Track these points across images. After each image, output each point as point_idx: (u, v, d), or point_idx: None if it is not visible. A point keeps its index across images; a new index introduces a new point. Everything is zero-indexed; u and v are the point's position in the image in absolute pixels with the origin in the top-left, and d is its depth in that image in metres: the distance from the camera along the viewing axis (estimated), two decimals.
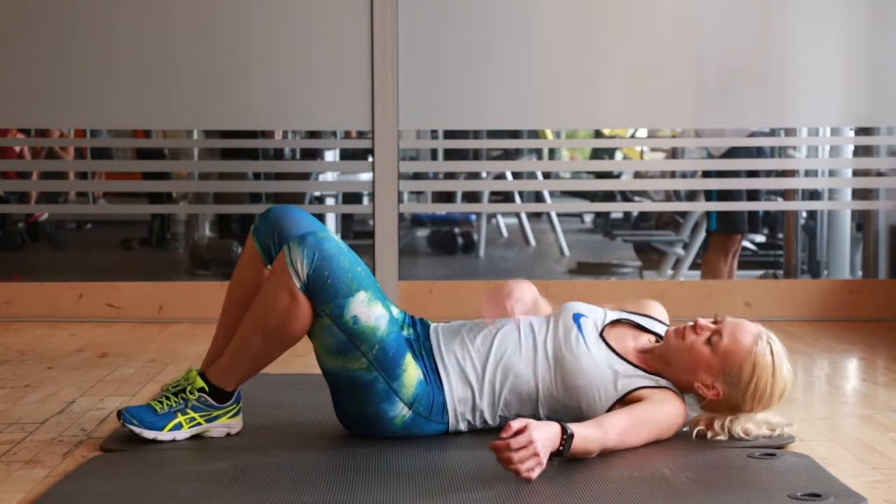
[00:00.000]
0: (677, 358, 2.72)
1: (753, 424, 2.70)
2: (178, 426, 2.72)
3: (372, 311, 2.62)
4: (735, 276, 5.80)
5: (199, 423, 2.75)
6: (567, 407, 2.71)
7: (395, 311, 2.77)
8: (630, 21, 4.97)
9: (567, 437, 2.42)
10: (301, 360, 3.96)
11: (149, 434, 2.69)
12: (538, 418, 2.68)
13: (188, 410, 2.73)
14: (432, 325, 2.84)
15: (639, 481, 2.38)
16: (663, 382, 2.71)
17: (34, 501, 2.27)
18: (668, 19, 4.98)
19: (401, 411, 2.69)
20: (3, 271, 7.38)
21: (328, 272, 2.59)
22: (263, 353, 2.71)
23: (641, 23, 4.97)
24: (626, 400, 2.68)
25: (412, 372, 2.69)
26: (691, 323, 2.77)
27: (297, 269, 2.59)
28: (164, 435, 2.70)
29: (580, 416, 2.66)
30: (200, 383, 2.74)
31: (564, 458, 2.44)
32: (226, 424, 2.78)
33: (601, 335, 2.78)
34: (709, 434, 2.71)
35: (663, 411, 2.66)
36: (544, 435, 2.37)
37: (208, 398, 2.74)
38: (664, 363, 2.75)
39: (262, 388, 3.24)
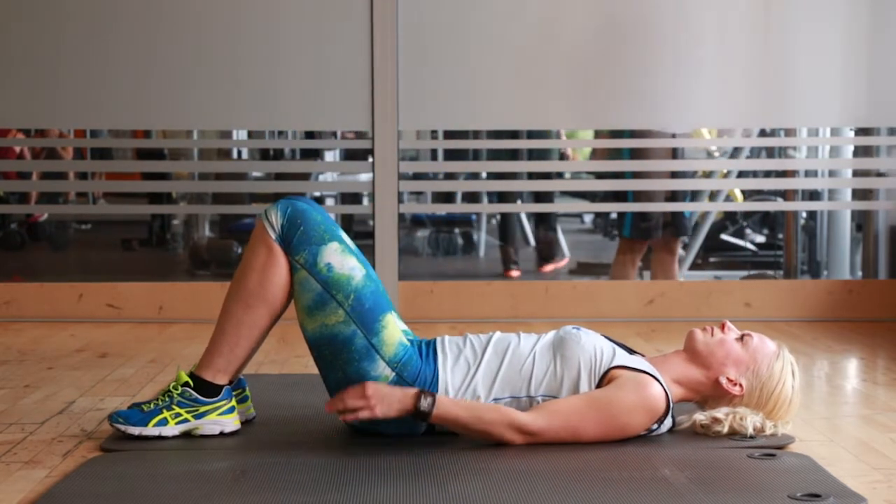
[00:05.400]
0: (706, 351, 2.75)
1: (760, 420, 2.70)
2: (164, 422, 2.73)
3: (346, 261, 2.71)
4: (677, 275, 5.77)
5: (187, 420, 2.74)
6: (561, 382, 2.70)
7: (402, 325, 2.79)
8: (630, 22, 4.97)
9: (425, 397, 2.57)
10: (301, 360, 3.96)
11: (134, 430, 2.71)
12: (533, 400, 2.70)
13: (173, 406, 2.74)
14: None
15: (638, 481, 2.38)
16: (650, 370, 2.70)
17: (34, 501, 2.27)
18: (667, 20, 4.97)
19: (383, 371, 2.68)
20: (3, 271, 7.38)
21: (301, 220, 2.73)
22: (246, 321, 2.74)
23: (641, 23, 4.97)
24: (602, 381, 2.69)
25: (393, 331, 2.71)
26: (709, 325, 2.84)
27: (271, 221, 2.74)
28: (150, 430, 2.71)
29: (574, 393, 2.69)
30: (184, 378, 2.74)
31: (426, 413, 2.58)
32: (215, 422, 2.75)
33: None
34: (713, 427, 2.70)
35: (625, 396, 2.63)
36: (385, 390, 2.59)
37: (192, 391, 2.74)
38: (682, 363, 2.76)
39: (262, 388, 3.24)
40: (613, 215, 8.62)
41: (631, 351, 2.80)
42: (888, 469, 2.55)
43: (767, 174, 6.27)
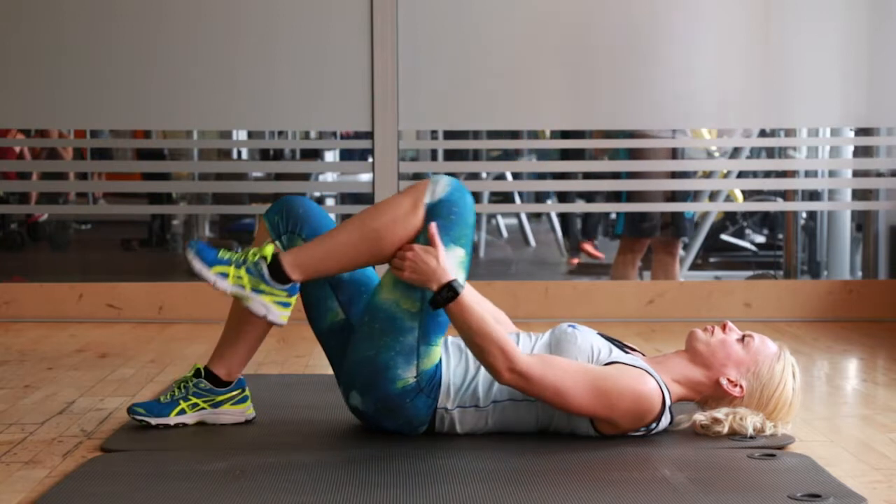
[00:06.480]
0: (707, 351, 2.75)
1: (760, 421, 2.70)
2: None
3: (459, 274, 2.66)
4: (678, 276, 5.77)
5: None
6: None
7: None
8: (629, 23, 4.97)
9: (445, 290, 2.57)
10: (301, 360, 3.97)
11: (200, 269, 2.69)
12: (532, 402, 2.70)
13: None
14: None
15: (638, 481, 2.38)
16: (646, 367, 2.70)
17: (34, 501, 2.27)
18: (666, 21, 4.97)
19: (409, 375, 2.67)
20: (3, 271, 7.38)
21: (457, 210, 2.68)
22: (353, 248, 2.69)
23: (641, 23, 4.97)
24: None
25: (439, 351, 2.71)
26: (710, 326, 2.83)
27: (435, 188, 2.69)
28: (222, 284, 2.71)
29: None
30: (268, 252, 2.68)
31: (438, 304, 2.60)
32: (265, 305, 2.69)
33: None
34: (713, 427, 2.70)
35: (621, 381, 2.62)
36: (422, 265, 2.59)
37: (265, 268, 2.66)
38: (683, 362, 2.76)
39: (262, 388, 3.24)
40: (613, 215, 8.64)
41: (625, 348, 2.80)
42: (888, 469, 2.55)
43: (767, 174, 6.27)
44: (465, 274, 2.69)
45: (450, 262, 2.64)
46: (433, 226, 2.66)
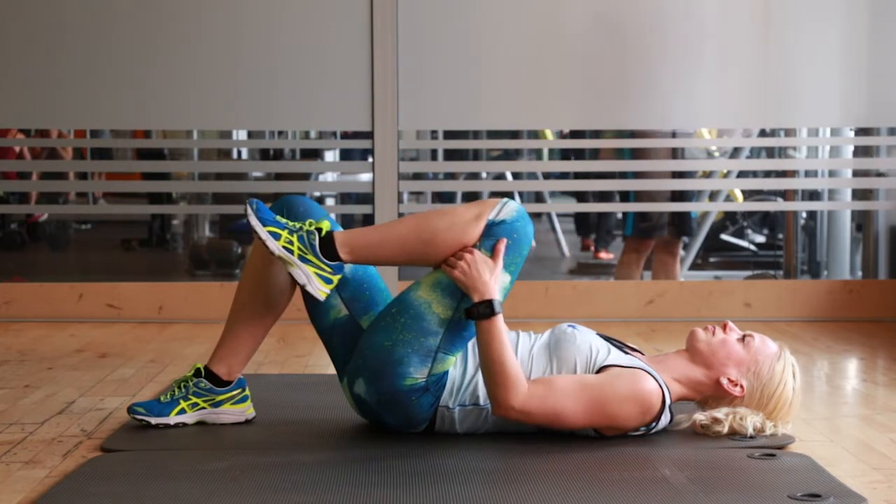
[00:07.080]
0: (708, 351, 2.75)
1: (760, 420, 2.70)
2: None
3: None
4: (679, 276, 5.77)
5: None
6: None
7: None
8: (630, 22, 4.97)
9: (485, 306, 2.59)
10: (301, 360, 3.97)
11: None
12: None
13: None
14: None
15: (638, 481, 2.38)
16: (645, 367, 2.69)
17: (34, 501, 2.27)
18: (666, 21, 4.97)
19: (419, 376, 2.67)
20: (3, 271, 7.37)
21: (516, 237, 2.69)
22: (402, 239, 2.71)
23: (641, 24, 4.97)
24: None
25: (454, 361, 2.71)
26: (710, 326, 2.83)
27: (502, 209, 2.70)
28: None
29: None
30: (325, 225, 2.70)
31: (469, 311, 2.62)
32: (306, 277, 2.69)
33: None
34: (713, 427, 2.70)
35: (620, 386, 2.63)
36: (475, 271, 2.61)
37: (315, 242, 2.66)
38: (684, 362, 2.76)
39: (262, 388, 3.24)
40: (618, 215, 8.65)
41: (626, 348, 2.80)
42: (888, 469, 2.55)
43: (767, 174, 6.27)
44: (502, 300, 2.69)
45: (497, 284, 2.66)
46: (503, 241, 2.67)
